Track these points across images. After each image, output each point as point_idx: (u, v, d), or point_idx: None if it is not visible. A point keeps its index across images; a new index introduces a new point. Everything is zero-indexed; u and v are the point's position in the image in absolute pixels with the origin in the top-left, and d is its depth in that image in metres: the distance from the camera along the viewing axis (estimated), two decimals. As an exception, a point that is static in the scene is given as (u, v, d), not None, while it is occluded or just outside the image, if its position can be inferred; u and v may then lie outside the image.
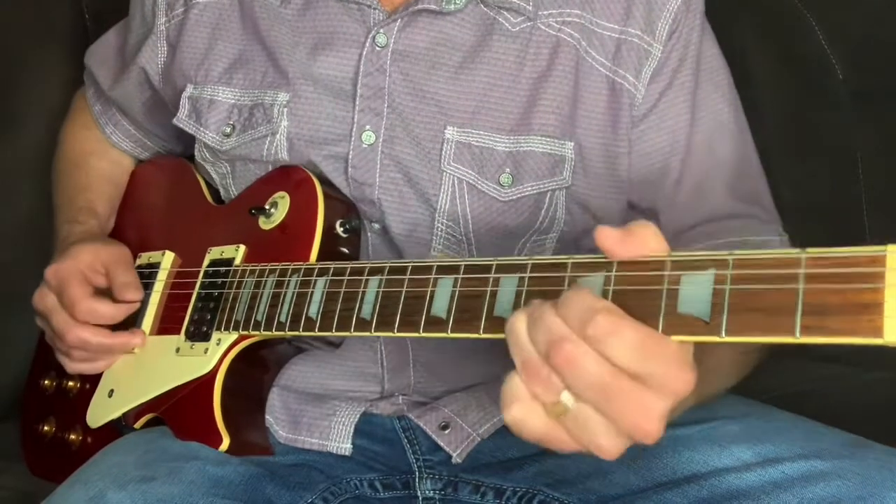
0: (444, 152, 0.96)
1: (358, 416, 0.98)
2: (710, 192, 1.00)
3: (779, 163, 1.47)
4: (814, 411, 0.92)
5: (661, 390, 0.58)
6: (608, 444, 0.59)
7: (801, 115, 1.48)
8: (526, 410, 0.60)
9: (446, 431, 0.98)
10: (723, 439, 0.88)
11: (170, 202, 1.16)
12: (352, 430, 0.97)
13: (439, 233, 0.97)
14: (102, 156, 1.23)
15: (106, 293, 1.04)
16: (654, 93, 0.99)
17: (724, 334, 0.59)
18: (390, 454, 1.00)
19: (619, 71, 0.99)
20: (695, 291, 0.61)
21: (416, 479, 0.99)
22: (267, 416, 0.99)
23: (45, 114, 1.40)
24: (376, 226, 0.99)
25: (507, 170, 0.97)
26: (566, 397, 0.59)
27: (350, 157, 0.98)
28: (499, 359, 0.83)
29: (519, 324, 0.61)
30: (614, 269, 0.65)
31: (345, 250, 0.96)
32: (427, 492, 0.98)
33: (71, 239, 1.11)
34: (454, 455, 0.97)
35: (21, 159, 1.40)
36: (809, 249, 0.59)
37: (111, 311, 1.02)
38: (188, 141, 1.09)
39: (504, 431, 0.98)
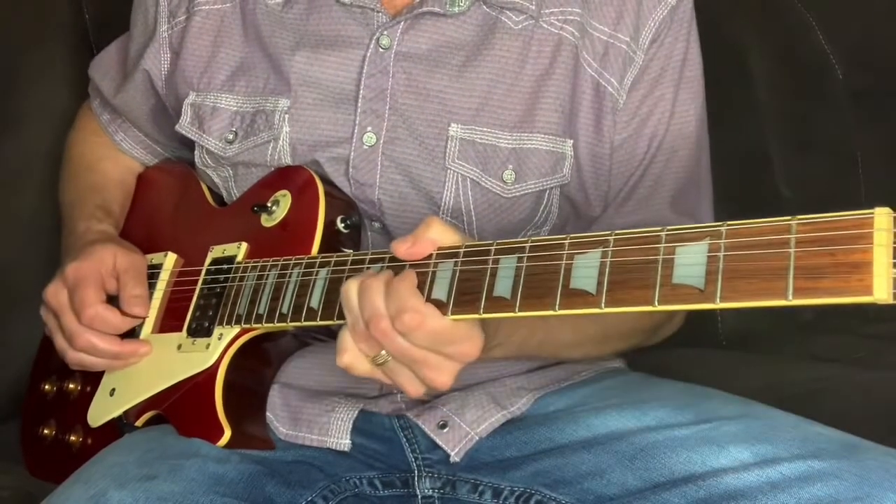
0: (448, 150, 0.97)
1: (356, 412, 0.99)
2: (653, 201, 1.03)
3: (779, 162, 1.48)
4: (813, 411, 0.92)
5: (452, 358, 0.77)
6: (412, 388, 0.80)
7: (801, 114, 1.48)
8: (353, 358, 0.80)
9: (444, 430, 0.98)
10: (721, 439, 0.88)
11: (172, 205, 1.16)
12: (350, 426, 0.98)
13: None
14: (114, 161, 1.23)
15: (114, 298, 1.04)
16: (634, 100, 1.01)
17: (718, 301, 0.62)
18: (389, 453, 1.00)
19: (605, 74, 1.00)
20: (690, 261, 0.64)
21: (415, 478, 0.99)
22: (267, 413, 0.99)
23: (45, 114, 1.40)
24: (376, 224, 1.00)
25: (510, 166, 0.97)
26: (384, 353, 0.78)
27: (351, 158, 0.98)
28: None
29: (352, 291, 0.79)
30: (611, 245, 0.68)
31: (345, 247, 0.97)
32: (426, 490, 0.98)
33: (89, 236, 1.10)
34: (452, 454, 0.97)
35: (21, 159, 1.40)
36: (799, 216, 0.61)
37: (117, 321, 1.01)
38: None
39: (502, 431, 0.98)
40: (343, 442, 0.97)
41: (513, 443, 0.98)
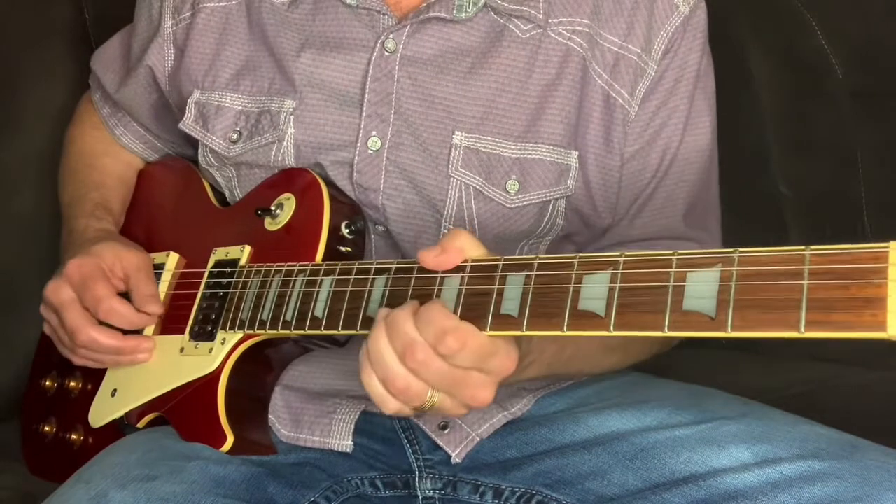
0: (451, 157, 0.97)
1: (358, 413, 0.98)
2: (667, 213, 1.03)
3: (779, 162, 1.48)
4: (814, 411, 0.92)
5: (491, 374, 0.75)
6: (453, 413, 0.77)
7: (801, 114, 1.48)
8: (385, 400, 0.76)
9: (445, 431, 0.98)
10: (721, 440, 0.88)
11: (174, 204, 1.16)
12: (352, 428, 0.97)
13: None
14: (115, 157, 1.22)
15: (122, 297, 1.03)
16: (647, 111, 1.00)
17: (729, 330, 0.61)
18: (391, 453, 1.01)
19: (615, 86, 0.99)
20: (701, 288, 0.63)
21: (416, 479, 0.99)
22: (269, 415, 0.99)
23: (45, 114, 1.40)
24: (380, 228, 1.00)
25: (514, 176, 0.97)
26: (430, 394, 0.75)
27: (355, 162, 0.98)
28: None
29: (382, 343, 0.75)
30: (621, 268, 0.67)
31: (350, 251, 0.96)
32: (427, 491, 0.99)
33: (89, 234, 1.10)
34: (453, 455, 0.97)
35: (21, 159, 1.40)
36: (813, 247, 0.60)
37: (132, 316, 1.01)
38: (197, 144, 1.09)
39: (503, 432, 0.98)
40: (345, 443, 0.97)
41: (513, 443, 0.98)
